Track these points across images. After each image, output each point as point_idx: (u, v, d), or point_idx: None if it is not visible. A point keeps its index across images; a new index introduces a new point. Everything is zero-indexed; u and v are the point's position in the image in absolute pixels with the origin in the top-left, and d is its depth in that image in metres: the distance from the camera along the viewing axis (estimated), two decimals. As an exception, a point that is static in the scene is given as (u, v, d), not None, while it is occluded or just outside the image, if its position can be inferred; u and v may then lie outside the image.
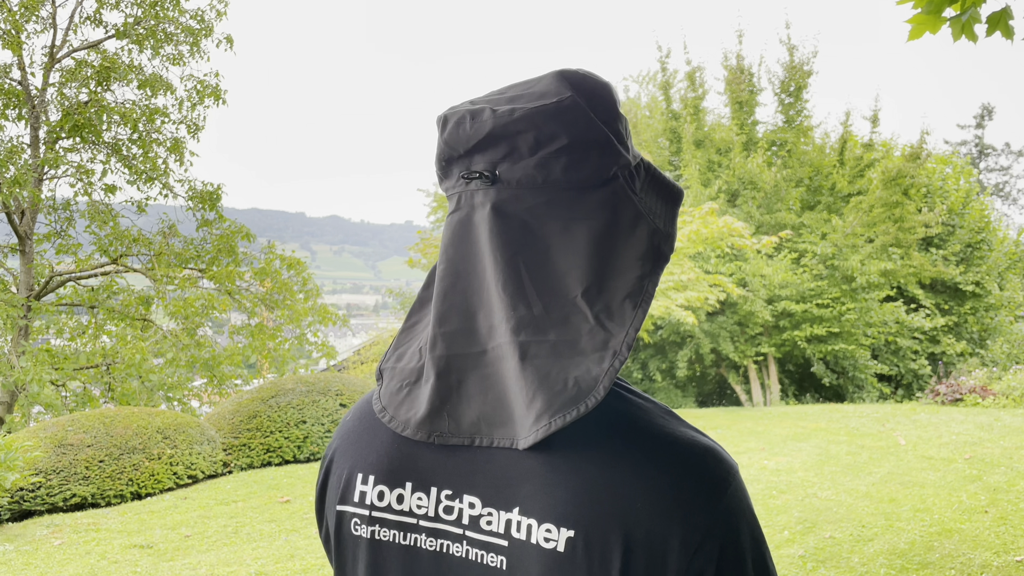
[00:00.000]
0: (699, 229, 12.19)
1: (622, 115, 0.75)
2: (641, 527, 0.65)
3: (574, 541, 0.66)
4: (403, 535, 0.76)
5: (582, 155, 0.72)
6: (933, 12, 3.11)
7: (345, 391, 9.25)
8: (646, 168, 0.77)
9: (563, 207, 0.73)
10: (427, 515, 0.75)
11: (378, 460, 0.79)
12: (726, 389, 18.25)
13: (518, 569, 0.69)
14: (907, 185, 16.43)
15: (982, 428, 8.65)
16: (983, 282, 17.46)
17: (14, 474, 5.88)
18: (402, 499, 0.76)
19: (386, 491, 0.77)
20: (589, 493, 0.67)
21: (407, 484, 0.76)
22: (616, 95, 0.76)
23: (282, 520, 6.04)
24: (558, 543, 0.67)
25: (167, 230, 11.10)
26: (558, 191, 0.73)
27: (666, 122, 18.36)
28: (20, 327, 9.94)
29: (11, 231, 10.42)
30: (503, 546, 0.70)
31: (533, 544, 0.68)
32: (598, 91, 0.74)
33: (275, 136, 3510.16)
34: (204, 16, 11.27)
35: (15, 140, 10.50)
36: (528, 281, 0.72)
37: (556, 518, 0.67)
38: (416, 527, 0.76)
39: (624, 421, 0.70)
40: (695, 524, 0.65)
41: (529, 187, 0.73)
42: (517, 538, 0.69)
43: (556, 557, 0.66)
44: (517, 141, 0.73)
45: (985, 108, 39.56)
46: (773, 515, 5.50)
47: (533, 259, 0.73)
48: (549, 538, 0.67)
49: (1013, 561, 4.31)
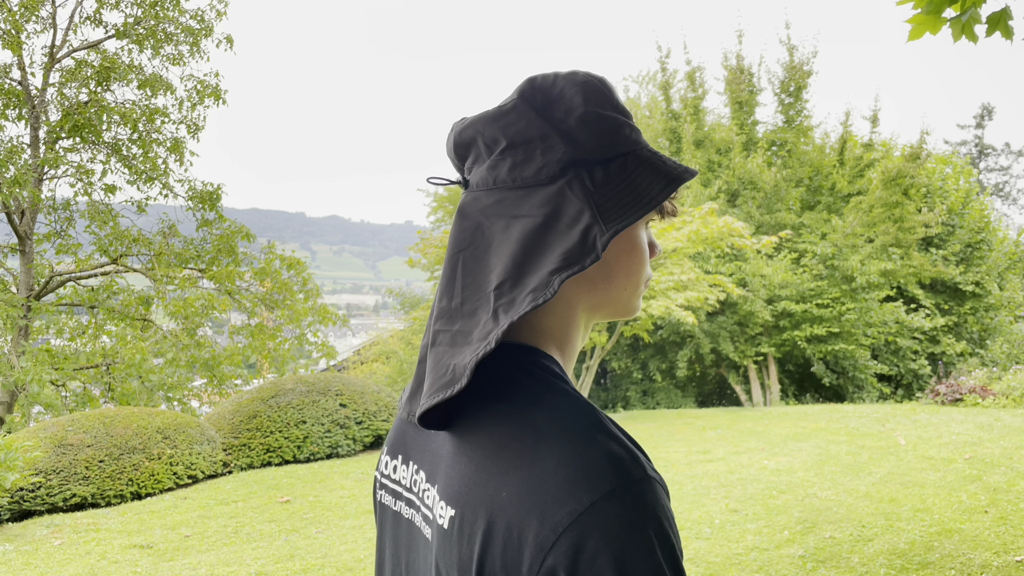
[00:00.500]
0: (699, 229, 12.18)
1: (592, 111, 0.76)
2: (502, 516, 0.65)
3: (454, 519, 0.70)
4: (394, 501, 0.86)
5: (525, 155, 0.76)
6: (933, 12, 3.11)
7: (345, 391, 9.25)
8: (631, 158, 0.77)
9: (510, 206, 0.77)
10: (405, 486, 0.83)
11: (392, 437, 0.90)
12: (726, 389, 18.25)
13: (433, 542, 0.74)
14: (907, 185, 16.42)
15: (982, 428, 8.65)
16: (983, 282, 17.46)
17: (14, 474, 5.88)
18: (395, 470, 0.86)
19: (389, 461, 0.88)
20: (471, 477, 0.70)
21: (399, 456, 0.86)
22: (589, 92, 0.77)
23: (282, 520, 6.04)
24: (445, 520, 0.71)
25: (167, 230, 11.10)
26: (507, 191, 0.77)
27: (666, 122, 18.36)
28: (20, 327, 9.93)
29: (11, 231, 10.42)
30: (430, 518, 0.75)
31: (437, 519, 0.73)
32: (547, 89, 0.76)
33: (275, 136, 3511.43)
34: (204, 16, 11.27)
35: (15, 140, 10.51)
36: (460, 276, 0.78)
37: (447, 497, 0.72)
38: (400, 495, 0.84)
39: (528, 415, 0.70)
40: (551, 522, 0.62)
41: (484, 189, 0.79)
42: (435, 512, 0.74)
43: (443, 533, 0.71)
44: (474, 147, 0.80)
45: (985, 108, 39.56)
46: (773, 515, 5.50)
47: (472, 256, 0.78)
48: (441, 515, 0.72)
49: (1013, 561, 4.31)
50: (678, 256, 12.75)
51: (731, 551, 4.74)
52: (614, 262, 0.81)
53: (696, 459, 7.90)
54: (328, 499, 6.71)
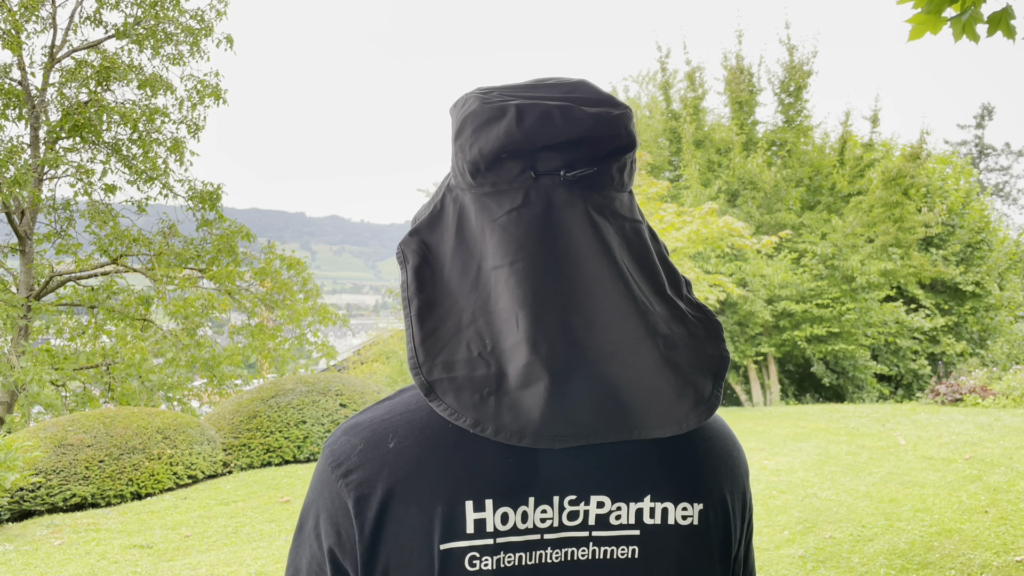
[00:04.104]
0: (699, 229, 12.18)
1: None
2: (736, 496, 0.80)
3: (705, 512, 0.76)
4: (529, 555, 0.71)
5: (633, 162, 0.79)
6: (934, 12, 3.11)
7: (345, 391, 9.25)
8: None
9: (626, 208, 0.78)
10: (551, 527, 0.71)
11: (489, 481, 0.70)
12: (726, 389, 18.27)
13: (653, 553, 0.74)
14: (907, 185, 16.42)
15: (982, 428, 8.65)
16: (983, 282, 17.45)
17: (14, 474, 5.88)
18: (526, 517, 0.71)
19: (510, 512, 0.70)
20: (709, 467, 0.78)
21: (529, 500, 0.71)
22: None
23: (282, 520, 6.03)
24: (693, 517, 0.75)
25: (167, 230, 11.10)
26: (621, 192, 0.78)
27: (666, 122, 18.35)
28: (20, 327, 9.93)
29: (11, 231, 10.42)
30: (635, 536, 0.73)
31: (671, 525, 0.75)
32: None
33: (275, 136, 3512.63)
34: (204, 16, 11.27)
35: (15, 140, 10.50)
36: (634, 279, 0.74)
37: (686, 496, 0.75)
38: (541, 542, 0.71)
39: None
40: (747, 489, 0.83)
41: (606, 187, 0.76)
42: (650, 524, 0.74)
43: (692, 531, 0.75)
44: (603, 142, 0.73)
45: (985, 108, 39.56)
46: (773, 515, 5.50)
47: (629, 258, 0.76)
48: (687, 515, 0.75)
49: (1013, 561, 4.31)
50: (678, 256, 12.74)
51: (731, 551, 4.73)
52: None
53: (696, 459, 7.89)
54: (328, 499, 6.70)
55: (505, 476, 0.70)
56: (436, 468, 0.70)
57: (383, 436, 0.73)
